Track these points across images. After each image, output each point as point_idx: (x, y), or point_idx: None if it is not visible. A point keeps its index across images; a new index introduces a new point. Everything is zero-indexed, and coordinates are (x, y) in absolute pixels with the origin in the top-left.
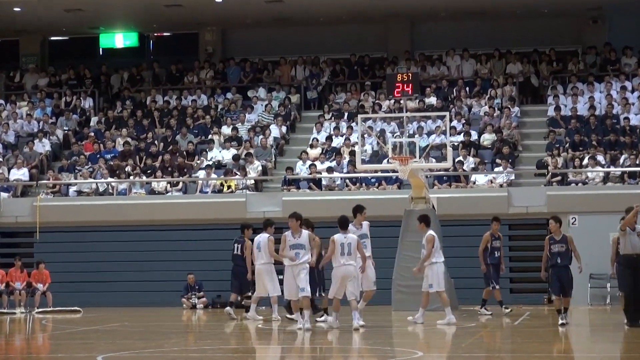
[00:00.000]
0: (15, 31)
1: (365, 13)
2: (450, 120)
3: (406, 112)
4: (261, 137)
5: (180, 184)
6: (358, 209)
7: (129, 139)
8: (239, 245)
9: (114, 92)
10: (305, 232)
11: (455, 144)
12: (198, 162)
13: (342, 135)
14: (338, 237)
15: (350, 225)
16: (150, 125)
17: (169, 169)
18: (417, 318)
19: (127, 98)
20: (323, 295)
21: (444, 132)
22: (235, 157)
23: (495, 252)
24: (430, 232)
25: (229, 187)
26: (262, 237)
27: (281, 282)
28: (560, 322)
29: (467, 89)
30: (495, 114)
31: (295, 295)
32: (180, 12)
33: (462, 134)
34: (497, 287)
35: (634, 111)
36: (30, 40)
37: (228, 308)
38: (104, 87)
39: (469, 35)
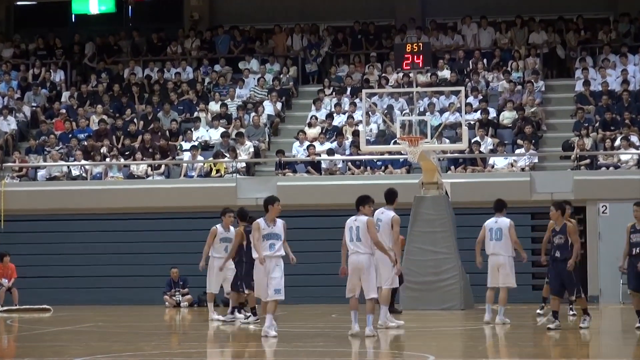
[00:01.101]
0: None
1: None
2: (466, 96)
3: (416, 86)
4: (253, 114)
5: (163, 167)
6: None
7: (104, 117)
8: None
9: (88, 64)
10: (280, 221)
11: (472, 122)
12: (182, 142)
13: (344, 113)
14: (348, 220)
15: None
16: (128, 102)
17: (150, 150)
18: (501, 318)
19: (102, 71)
20: (247, 292)
21: (459, 110)
22: (225, 134)
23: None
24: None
25: (217, 170)
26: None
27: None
28: (548, 325)
29: (485, 61)
30: (516, 89)
31: (265, 294)
32: None
33: (479, 112)
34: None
35: None
36: None
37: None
38: (76, 59)
39: (487, 1)
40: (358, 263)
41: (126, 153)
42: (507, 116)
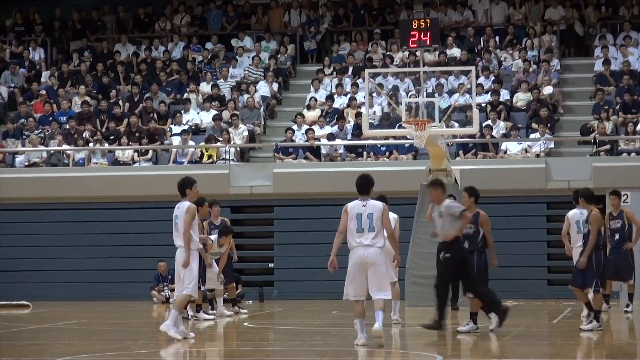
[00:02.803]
0: None
1: None
2: (477, 77)
3: (423, 66)
4: (247, 96)
5: (150, 152)
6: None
7: (87, 98)
8: None
9: (70, 42)
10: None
11: (483, 105)
12: (172, 126)
13: (345, 95)
14: (353, 205)
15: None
16: (113, 82)
17: (137, 134)
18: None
19: (85, 48)
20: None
21: (469, 91)
22: (217, 117)
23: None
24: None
25: (209, 156)
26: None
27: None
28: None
29: (497, 38)
30: (531, 69)
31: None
32: None
33: (491, 93)
34: None
35: None
36: None
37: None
38: (57, 36)
39: None
40: (367, 258)
41: (111, 137)
42: (521, 98)
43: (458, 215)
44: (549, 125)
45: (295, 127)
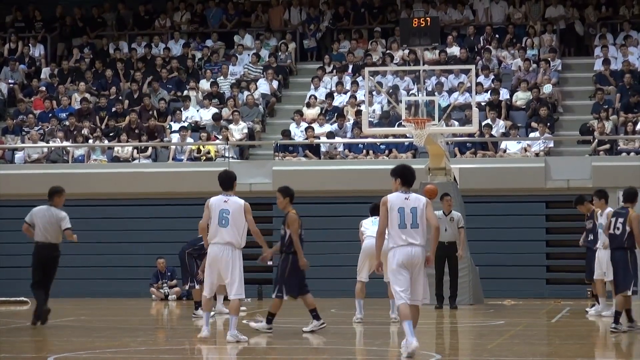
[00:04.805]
0: None
1: None
2: (477, 75)
3: (423, 64)
4: (247, 93)
5: (150, 149)
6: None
7: (87, 95)
8: None
9: (70, 38)
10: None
11: (482, 103)
12: (171, 123)
13: (345, 93)
14: (395, 197)
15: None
16: (113, 79)
17: (136, 131)
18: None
19: (85, 45)
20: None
21: (469, 90)
22: (216, 118)
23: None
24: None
25: (207, 153)
26: None
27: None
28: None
29: (497, 37)
30: (530, 68)
31: None
32: None
33: (491, 92)
34: None
35: None
36: None
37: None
38: (57, 32)
39: None
40: (413, 258)
41: (110, 134)
42: (521, 97)
43: None
44: (548, 124)
45: (292, 126)
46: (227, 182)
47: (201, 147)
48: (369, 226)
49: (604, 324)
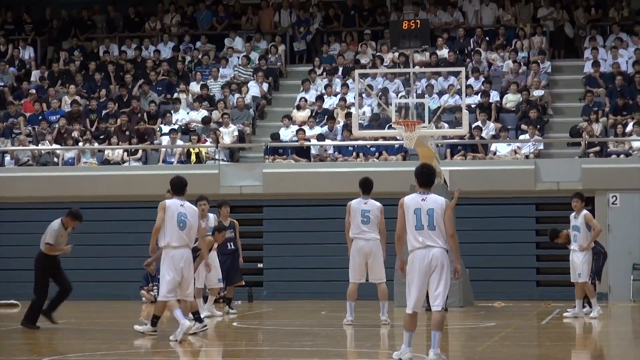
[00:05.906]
0: None
1: None
2: (467, 78)
3: (413, 67)
4: (237, 96)
5: (140, 152)
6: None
7: (77, 98)
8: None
9: (60, 41)
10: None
11: (472, 106)
12: (161, 125)
13: (335, 95)
14: (411, 199)
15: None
16: (103, 81)
17: (126, 134)
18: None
19: (75, 48)
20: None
21: (459, 92)
22: (206, 120)
23: None
24: None
25: (197, 155)
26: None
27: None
28: None
29: (487, 39)
30: (520, 70)
31: None
32: None
33: (481, 94)
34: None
35: None
36: None
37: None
38: (47, 34)
39: None
40: (431, 260)
41: (101, 137)
42: (511, 99)
43: None
44: (538, 126)
45: (281, 130)
46: (181, 187)
47: (191, 150)
48: (357, 218)
49: (594, 326)
